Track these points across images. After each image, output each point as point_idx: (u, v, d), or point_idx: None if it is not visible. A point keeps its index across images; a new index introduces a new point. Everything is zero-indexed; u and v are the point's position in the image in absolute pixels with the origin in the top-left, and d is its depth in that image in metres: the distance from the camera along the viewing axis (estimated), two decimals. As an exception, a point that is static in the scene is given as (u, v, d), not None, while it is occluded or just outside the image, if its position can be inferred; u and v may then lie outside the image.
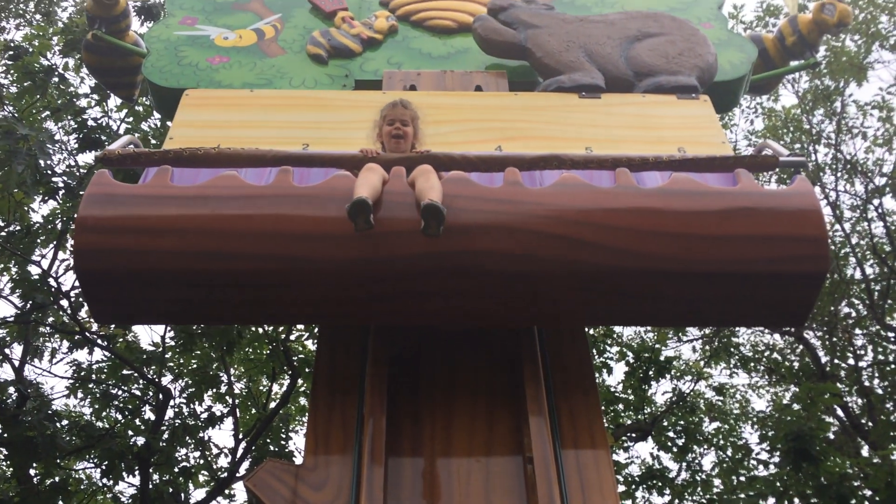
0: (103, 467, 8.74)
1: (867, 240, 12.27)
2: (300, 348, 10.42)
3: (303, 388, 10.54)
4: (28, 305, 8.80)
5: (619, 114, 4.13)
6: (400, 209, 3.00)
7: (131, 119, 9.73)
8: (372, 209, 2.84)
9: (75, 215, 3.78)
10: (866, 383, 11.53)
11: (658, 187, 3.14)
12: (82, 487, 10.59)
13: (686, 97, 4.23)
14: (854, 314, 12.42)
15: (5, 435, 8.15)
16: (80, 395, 9.52)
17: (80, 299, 9.04)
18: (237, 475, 9.90)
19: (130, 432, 9.36)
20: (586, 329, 3.80)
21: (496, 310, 3.15)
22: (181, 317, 3.57)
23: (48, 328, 9.63)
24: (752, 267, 3.00)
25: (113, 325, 8.67)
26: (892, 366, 11.39)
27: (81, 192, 8.64)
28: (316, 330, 6.98)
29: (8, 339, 9.60)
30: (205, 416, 9.83)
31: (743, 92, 4.82)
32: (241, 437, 10.12)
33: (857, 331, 12.26)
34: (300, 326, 9.69)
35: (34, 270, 9.15)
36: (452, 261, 2.97)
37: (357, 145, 3.68)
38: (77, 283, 9.29)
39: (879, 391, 11.54)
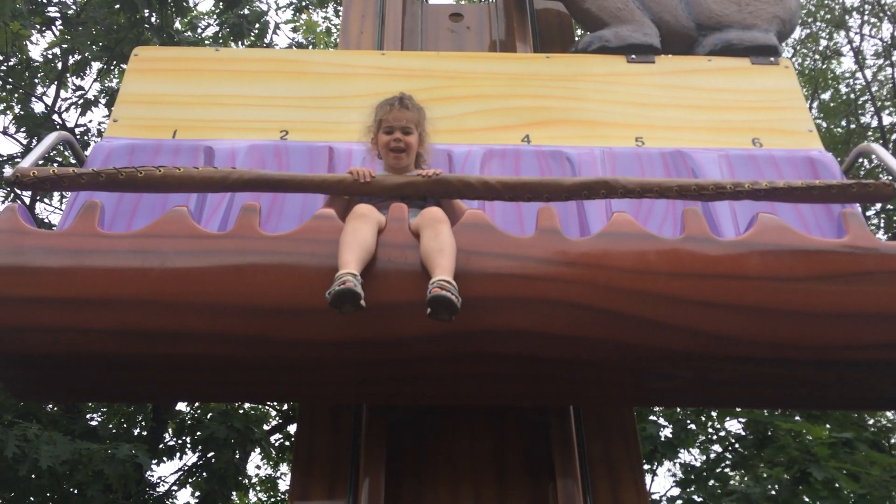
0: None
1: (889, 86, 11.96)
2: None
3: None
4: (33, 143, 8.70)
5: (677, 86, 3.47)
6: (400, 271, 2.33)
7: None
8: (361, 294, 2.14)
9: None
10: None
11: (740, 240, 2.43)
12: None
13: (763, 62, 3.53)
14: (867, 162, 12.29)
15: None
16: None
17: (87, 137, 8.95)
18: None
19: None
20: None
21: (523, 393, 2.59)
22: (123, 397, 2.99)
23: (55, 165, 9.60)
24: (860, 355, 2.35)
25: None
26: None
27: (80, 27, 8.52)
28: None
29: (16, 176, 9.59)
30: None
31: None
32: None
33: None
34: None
35: (37, 109, 8.96)
36: (469, 344, 2.33)
37: (351, 132, 3.11)
38: (81, 121, 9.16)
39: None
